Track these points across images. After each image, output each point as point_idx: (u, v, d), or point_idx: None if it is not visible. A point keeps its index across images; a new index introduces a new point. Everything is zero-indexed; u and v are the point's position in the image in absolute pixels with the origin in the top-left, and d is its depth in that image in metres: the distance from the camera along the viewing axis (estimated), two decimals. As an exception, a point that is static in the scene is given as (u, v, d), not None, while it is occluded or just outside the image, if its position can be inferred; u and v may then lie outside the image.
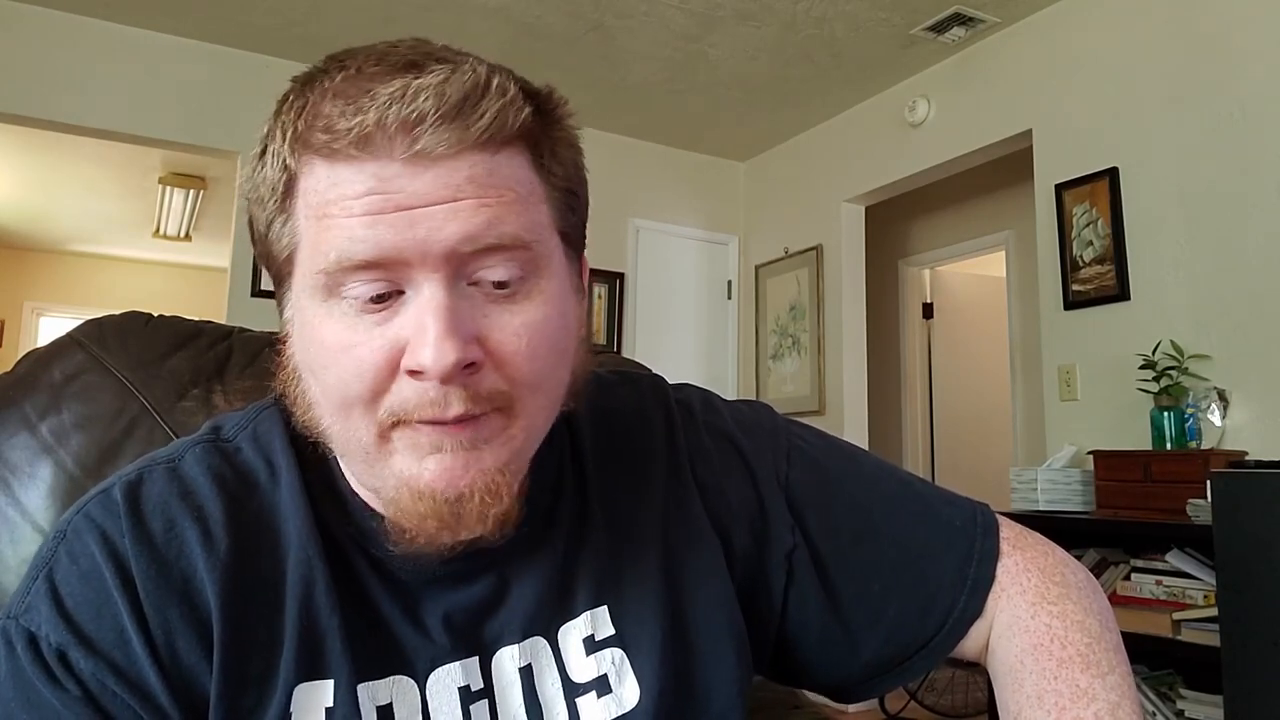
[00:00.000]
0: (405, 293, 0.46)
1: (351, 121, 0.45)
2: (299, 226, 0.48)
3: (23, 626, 0.48)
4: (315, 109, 0.47)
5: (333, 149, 0.45)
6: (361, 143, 0.45)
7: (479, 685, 0.54)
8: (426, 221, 0.45)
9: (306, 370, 0.50)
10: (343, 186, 0.46)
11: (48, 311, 6.77)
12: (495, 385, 0.48)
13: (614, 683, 0.56)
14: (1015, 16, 3.23)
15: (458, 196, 0.46)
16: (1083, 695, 0.54)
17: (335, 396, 0.48)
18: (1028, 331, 3.86)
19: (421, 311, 0.46)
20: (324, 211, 0.46)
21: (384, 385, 0.47)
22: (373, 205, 0.45)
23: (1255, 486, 1.83)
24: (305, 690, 0.50)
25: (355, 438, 0.49)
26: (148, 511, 0.51)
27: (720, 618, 0.59)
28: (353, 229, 0.45)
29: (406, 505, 0.49)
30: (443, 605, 0.54)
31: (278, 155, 0.48)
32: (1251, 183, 2.52)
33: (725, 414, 0.68)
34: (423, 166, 0.45)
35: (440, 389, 0.46)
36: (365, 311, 0.46)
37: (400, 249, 0.45)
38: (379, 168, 0.45)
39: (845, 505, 0.64)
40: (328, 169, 0.46)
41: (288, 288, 0.51)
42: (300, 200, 0.48)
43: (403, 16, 3.23)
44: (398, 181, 0.45)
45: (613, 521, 0.59)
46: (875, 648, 0.62)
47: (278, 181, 0.48)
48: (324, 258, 0.46)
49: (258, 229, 0.51)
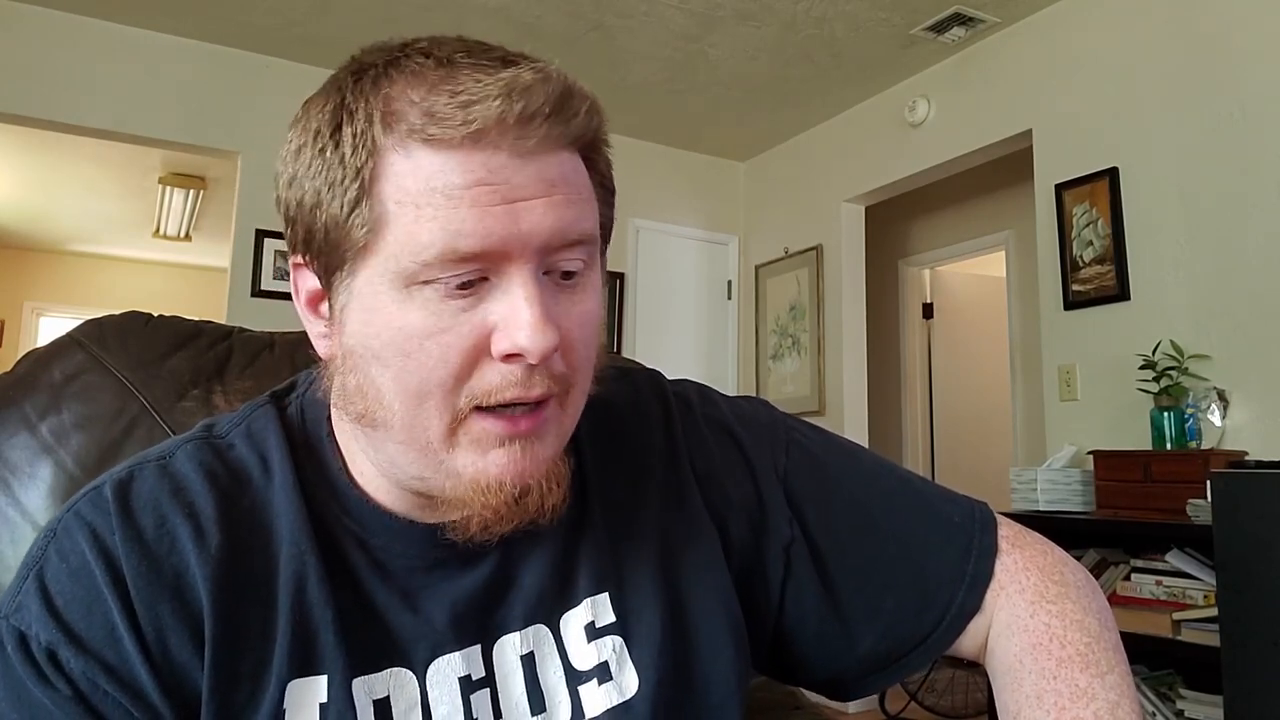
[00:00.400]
0: (489, 280, 0.47)
1: (467, 112, 0.45)
2: (386, 212, 0.47)
3: (13, 625, 0.48)
4: (409, 93, 0.47)
5: (444, 137, 0.46)
6: (475, 133, 0.46)
7: (480, 674, 0.54)
8: (528, 215, 0.47)
9: (372, 359, 0.49)
10: (450, 175, 0.46)
11: (48, 311, 6.77)
12: (561, 370, 0.50)
13: (614, 670, 0.56)
14: (1015, 16, 3.23)
15: (552, 191, 0.48)
16: (1082, 694, 0.54)
17: (413, 383, 0.48)
18: (1028, 331, 3.87)
19: (516, 299, 0.47)
20: (424, 200, 0.46)
21: (468, 370, 0.48)
22: (481, 197, 0.46)
23: (1255, 486, 1.83)
24: (299, 686, 0.50)
25: (424, 427, 0.49)
26: (138, 508, 0.51)
27: (719, 609, 0.59)
28: (461, 221, 0.46)
29: (466, 499, 0.49)
30: (447, 592, 0.54)
31: (363, 136, 0.47)
32: (1251, 183, 2.52)
33: (723, 407, 0.68)
34: (526, 159, 0.47)
35: (527, 371, 0.48)
36: (451, 298, 0.47)
37: (505, 242, 0.46)
38: (487, 158, 0.46)
39: (843, 499, 0.64)
40: (429, 155, 0.46)
41: (349, 273, 0.49)
42: (390, 185, 0.47)
43: (403, 16, 3.23)
44: (504, 173, 0.46)
45: (611, 513, 0.60)
46: (872, 642, 0.62)
47: (364, 164, 0.47)
48: (424, 249, 0.46)
49: (328, 211, 0.48)
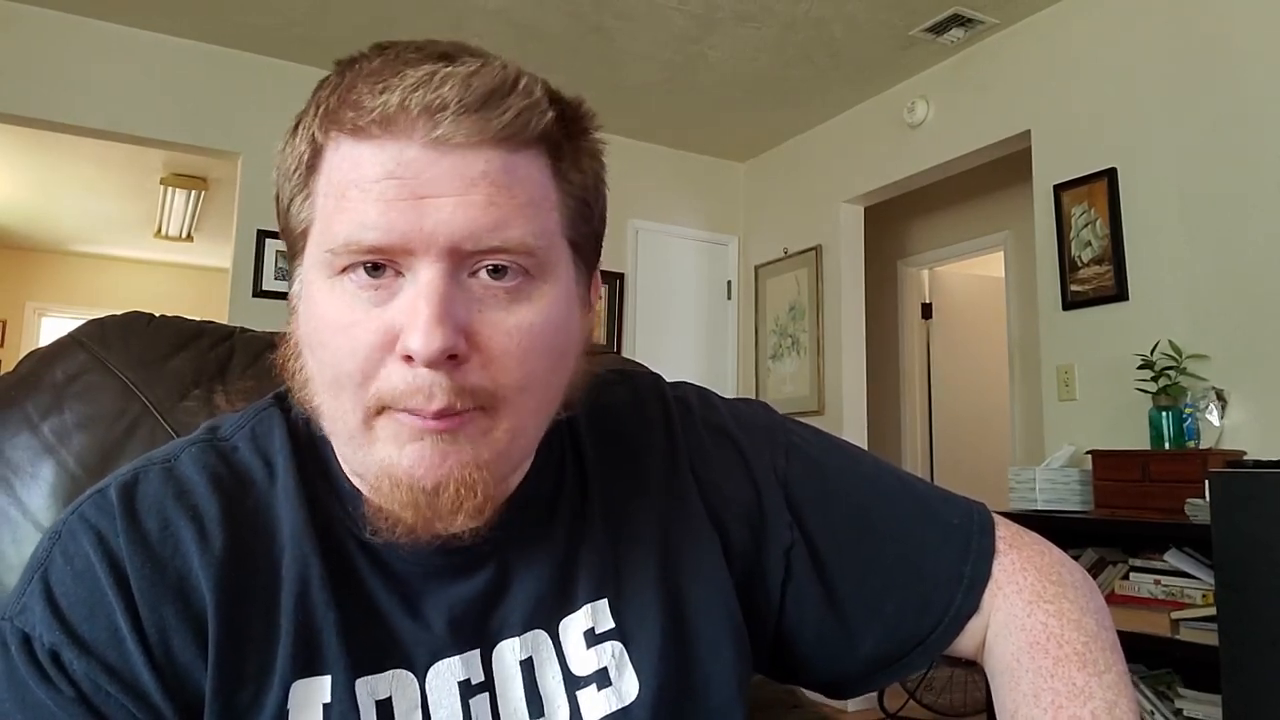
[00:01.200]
0: (403, 276, 0.47)
1: (377, 100, 0.46)
2: (317, 203, 0.49)
3: (17, 627, 0.48)
4: (348, 87, 0.48)
5: (358, 126, 0.47)
6: (384, 122, 0.46)
7: (479, 678, 0.54)
8: (435, 213, 0.46)
9: (306, 345, 0.51)
10: (363, 167, 0.47)
11: (49, 312, 6.77)
12: (479, 382, 0.48)
13: (614, 675, 0.56)
14: (1014, 18, 3.24)
15: (470, 190, 0.46)
16: (1079, 693, 0.54)
17: (329, 374, 0.49)
18: (1026, 332, 3.87)
19: (416, 296, 0.46)
20: (341, 192, 0.47)
21: (374, 368, 0.47)
22: (387, 191, 0.46)
23: (1253, 486, 1.83)
24: (302, 686, 0.50)
25: (343, 418, 0.49)
26: (142, 511, 0.51)
27: (719, 612, 0.59)
28: (365, 213, 0.46)
29: (386, 492, 0.49)
30: (444, 598, 0.54)
31: (307, 130, 0.50)
32: (1250, 183, 2.53)
33: (723, 410, 0.68)
34: (440, 153, 0.46)
35: (426, 379, 0.46)
36: (364, 289, 0.47)
37: (407, 237, 0.46)
38: (399, 150, 0.46)
39: (843, 502, 0.64)
40: (351, 146, 0.47)
41: (300, 262, 0.52)
42: (322, 177, 0.49)
43: (403, 17, 3.24)
44: (415, 166, 0.46)
45: (612, 516, 0.60)
46: (872, 644, 0.62)
47: (304, 156, 0.50)
48: (334, 238, 0.47)
49: (281, 202, 0.52)
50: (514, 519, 0.56)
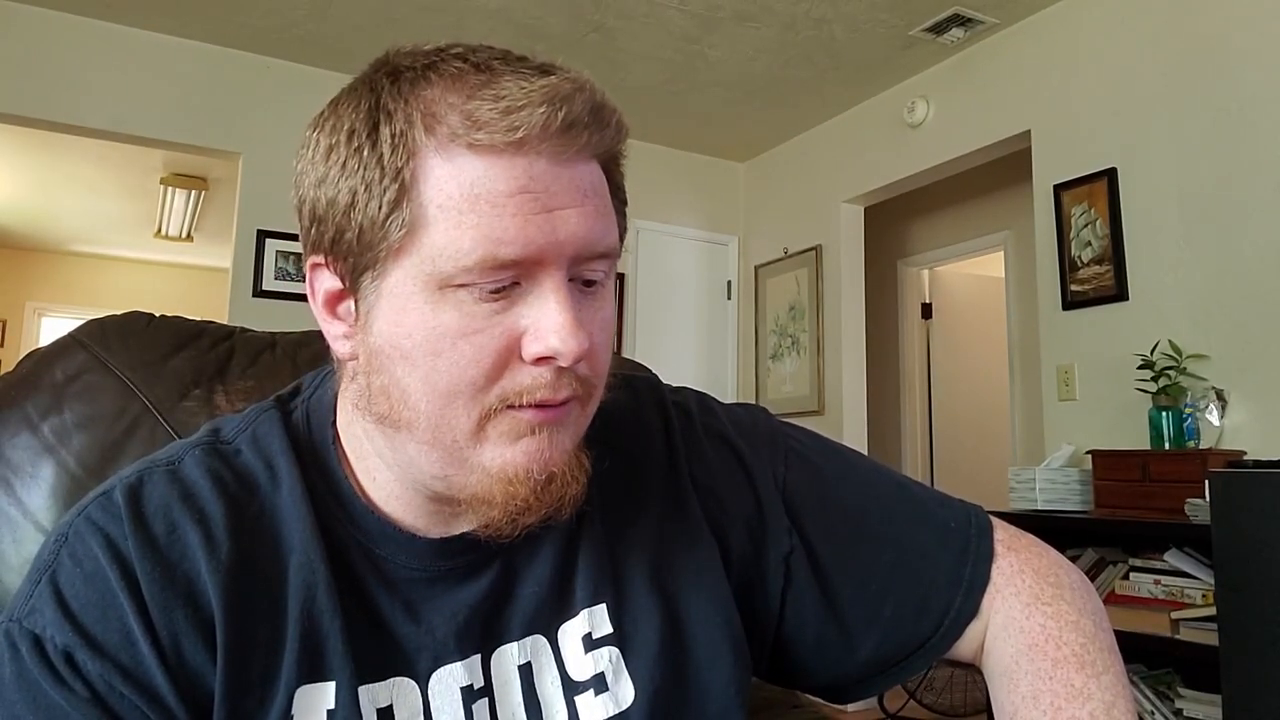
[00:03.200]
0: (521, 285, 0.48)
1: (512, 119, 0.46)
2: (424, 215, 0.47)
3: (26, 629, 0.48)
4: (449, 97, 0.47)
5: (488, 142, 0.46)
6: (520, 140, 0.46)
7: (480, 684, 0.54)
8: (564, 224, 0.48)
9: (400, 359, 0.49)
10: (494, 182, 0.47)
11: (49, 312, 6.78)
12: (585, 373, 0.51)
13: (611, 681, 0.56)
14: (1014, 17, 3.24)
15: (584, 201, 0.49)
16: (1078, 695, 0.55)
17: (443, 383, 0.48)
18: (1026, 331, 3.87)
19: (549, 304, 0.48)
20: (469, 206, 0.46)
21: (499, 371, 0.49)
22: (524, 204, 0.47)
23: (1253, 486, 1.83)
24: (306, 692, 0.50)
25: (451, 425, 0.49)
26: (149, 514, 0.51)
27: (717, 619, 0.59)
28: (503, 229, 0.46)
29: (493, 492, 0.50)
30: (447, 603, 0.55)
31: (402, 138, 0.47)
32: (1250, 183, 2.53)
33: (722, 417, 0.68)
34: (565, 166, 0.48)
35: (556, 374, 0.49)
36: (485, 301, 0.48)
37: (542, 250, 0.47)
38: (529, 164, 0.47)
39: (841, 507, 0.65)
40: (472, 161, 0.47)
41: (378, 274, 0.49)
42: (430, 188, 0.47)
43: (403, 17, 3.24)
44: (544, 180, 0.47)
45: (610, 522, 0.60)
46: (872, 648, 0.63)
47: (402, 165, 0.47)
48: (466, 254, 0.46)
49: (364, 211, 0.48)
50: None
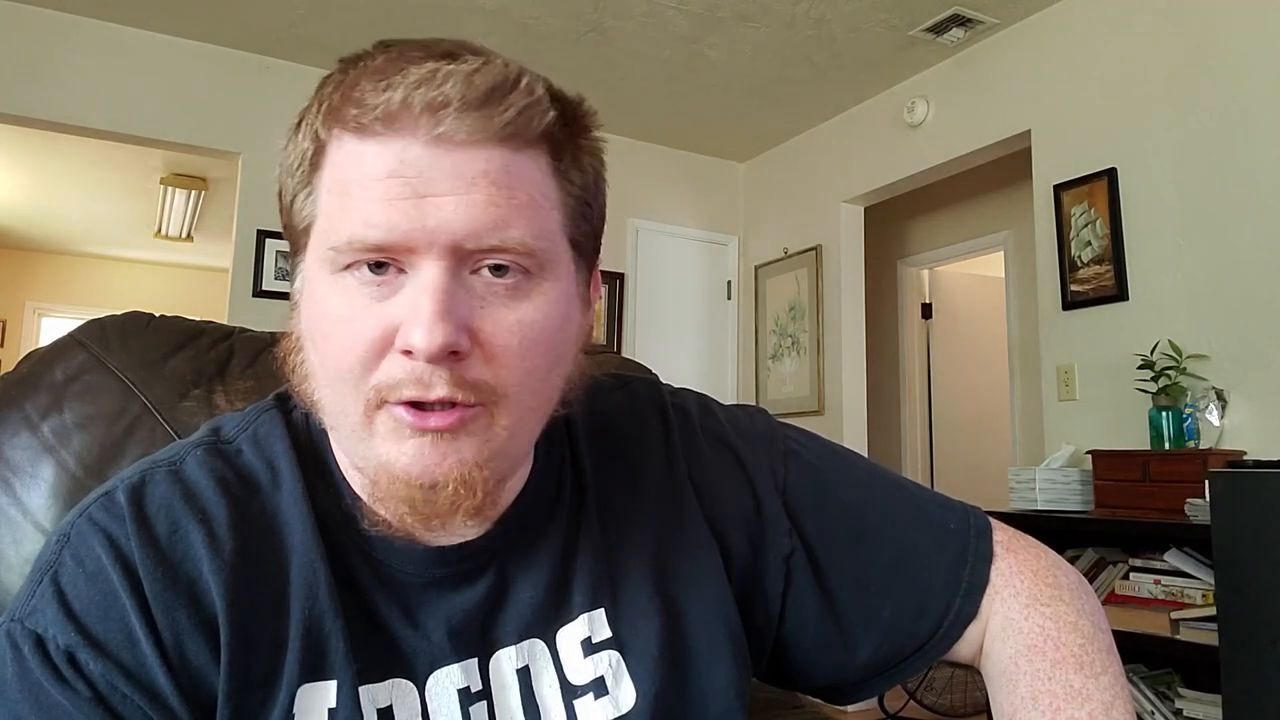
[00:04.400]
0: (405, 273, 0.48)
1: (380, 98, 0.46)
2: (320, 200, 0.50)
3: (28, 629, 0.48)
4: (352, 84, 0.48)
5: (361, 123, 0.47)
6: (388, 119, 0.46)
7: (478, 687, 0.54)
8: (436, 211, 0.46)
9: (308, 339, 0.51)
10: (366, 165, 0.47)
11: (49, 312, 6.77)
12: (482, 377, 0.48)
13: (611, 685, 0.56)
14: (1014, 18, 3.24)
15: (471, 189, 0.47)
16: (1076, 695, 0.55)
17: (330, 367, 0.49)
18: (1026, 331, 3.87)
19: (418, 293, 0.47)
20: (345, 189, 0.48)
21: (374, 361, 0.48)
22: (391, 189, 0.46)
23: (1253, 486, 1.83)
24: (308, 691, 0.50)
25: (344, 411, 0.50)
26: (152, 514, 0.51)
27: (717, 621, 0.59)
28: (369, 212, 0.47)
29: (384, 487, 0.50)
30: (442, 607, 0.54)
31: (310, 126, 0.50)
32: (1250, 183, 2.53)
33: (721, 418, 0.68)
34: (443, 151, 0.46)
35: (426, 370, 0.47)
36: (366, 285, 0.48)
37: (409, 235, 0.46)
38: (402, 147, 0.46)
39: (841, 509, 0.64)
40: (355, 144, 0.48)
41: (302, 258, 0.52)
42: (326, 174, 0.49)
43: (403, 17, 3.24)
44: (418, 164, 0.46)
45: (610, 524, 0.60)
46: (871, 649, 0.63)
47: (307, 152, 0.50)
48: (337, 235, 0.48)
49: (284, 198, 0.53)
50: (512, 528, 0.56)
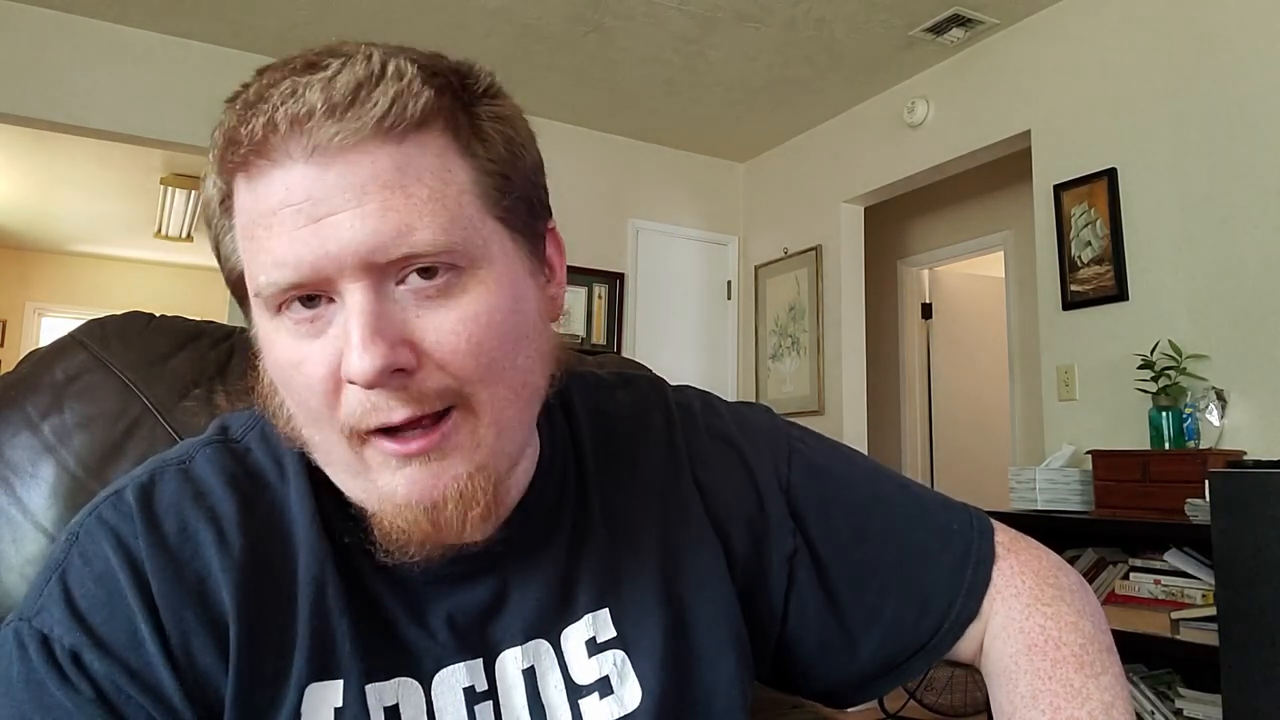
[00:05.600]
0: (335, 301, 0.46)
1: (246, 129, 0.45)
2: (238, 248, 0.49)
3: (35, 628, 0.48)
4: (228, 123, 0.47)
5: (243, 160, 0.46)
6: (262, 149, 0.44)
7: (483, 686, 0.54)
8: (334, 233, 0.44)
9: (276, 387, 0.51)
10: (260, 202, 0.46)
11: (49, 312, 6.77)
12: (441, 384, 0.47)
13: (616, 684, 0.56)
14: (1014, 18, 3.24)
15: (362, 199, 0.44)
16: (1077, 695, 0.55)
17: (300, 412, 0.49)
18: (1026, 331, 3.87)
19: (347, 320, 0.45)
20: (250, 234, 0.47)
21: (333, 398, 0.47)
22: (284, 220, 0.45)
23: (1253, 486, 1.83)
24: (316, 690, 0.50)
25: (332, 449, 0.49)
26: (161, 513, 0.51)
27: (721, 619, 0.59)
28: (273, 251, 0.45)
29: (390, 516, 0.49)
30: (446, 606, 0.54)
31: (209, 176, 0.50)
32: (1250, 183, 2.52)
33: (725, 416, 0.68)
34: (323, 165, 0.44)
35: (379, 395, 0.45)
36: (302, 325, 0.47)
37: (316, 267, 0.45)
38: (284, 174, 0.45)
39: (844, 508, 0.64)
40: (245, 183, 0.47)
41: (249, 305, 0.51)
42: (236, 219, 0.49)
43: (403, 18, 3.24)
44: (303, 187, 0.44)
45: (614, 524, 0.60)
46: (873, 649, 0.63)
47: (213, 201, 0.50)
48: (255, 282, 0.47)
49: (213, 248, 0.52)
50: (517, 528, 0.56)
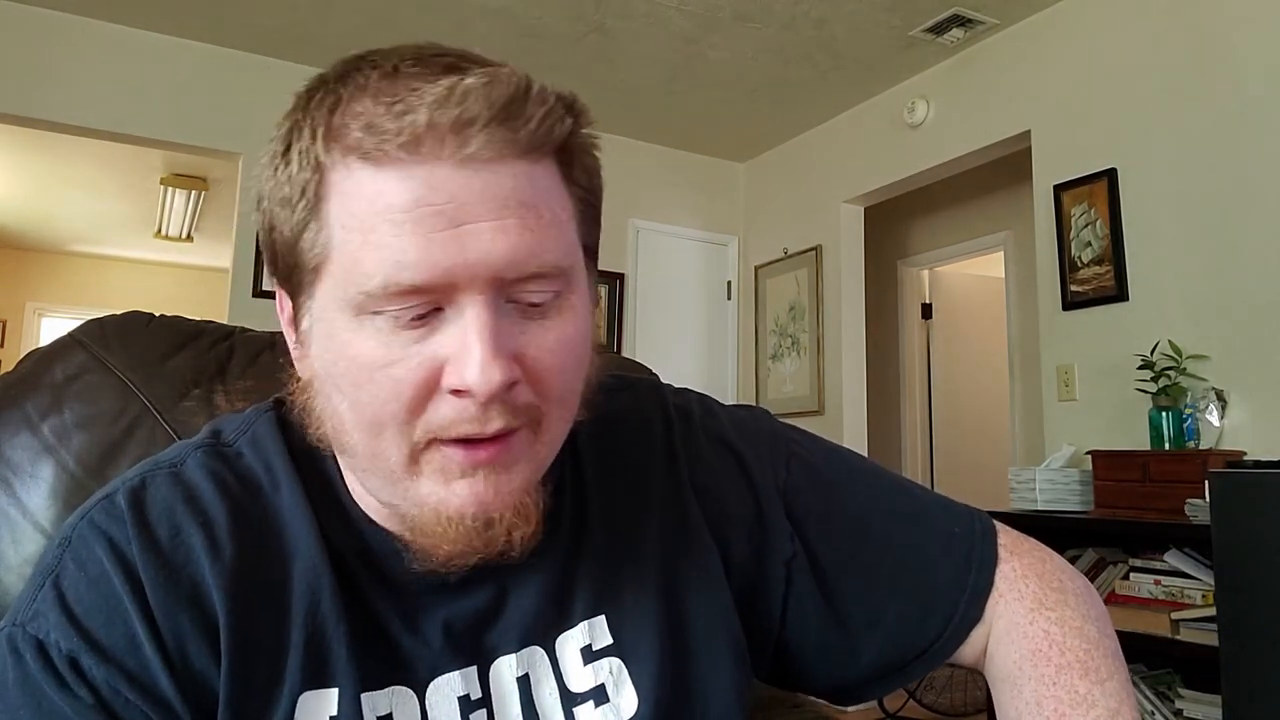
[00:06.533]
0: (444, 310, 0.45)
1: (400, 122, 0.43)
2: (334, 236, 0.46)
3: (30, 634, 0.48)
4: (352, 107, 0.45)
5: (381, 150, 0.44)
6: (411, 145, 0.43)
7: (478, 694, 0.54)
8: (475, 243, 0.44)
9: (332, 386, 0.48)
10: (389, 196, 0.44)
11: (49, 312, 6.77)
12: (529, 400, 0.47)
13: (612, 692, 0.56)
14: (1014, 18, 3.23)
15: (503, 213, 0.45)
16: (1081, 701, 0.54)
17: (368, 414, 0.47)
18: (1026, 332, 3.87)
19: (465, 332, 0.45)
20: (368, 225, 0.44)
21: (421, 404, 0.46)
22: (422, 219, 0.43)
23: (1253, 486, 1.83)
24: (310, 698, 0.50)
25: (384, 457, 0.48)
26: (153, 518, 0.51)
27: (718, 625, 0.59)
28: (402, 251, 0.43)
29: (431, 529, 0.48)
30: (442, 613, 0.54)
31: (308, 154, 0.46)
32: (1250, 183, 2.52)
33: (724, 420, 0.67)
34: (471, 172, 0.44)
35: (481, 408, 0.46)
36: (402, 329, 0.45)
37: (450, 273, 0.44)
38: (427, 173, 0.44)
39: (844, 512, 0.64)
40: (371, 173, 0.44)
41: (309, 296, 0.48)
42: (336, 206, 0.45)
43: (404, 18, 3.23)
44: (447, 188, 0.44)
45: (611, 529, 0.59)
46: (874, 653, 0.62)
47: (309, 183, 0.46)
48: (367, 279, 0.44)
49: (281, 232, 0.48)
50: None
